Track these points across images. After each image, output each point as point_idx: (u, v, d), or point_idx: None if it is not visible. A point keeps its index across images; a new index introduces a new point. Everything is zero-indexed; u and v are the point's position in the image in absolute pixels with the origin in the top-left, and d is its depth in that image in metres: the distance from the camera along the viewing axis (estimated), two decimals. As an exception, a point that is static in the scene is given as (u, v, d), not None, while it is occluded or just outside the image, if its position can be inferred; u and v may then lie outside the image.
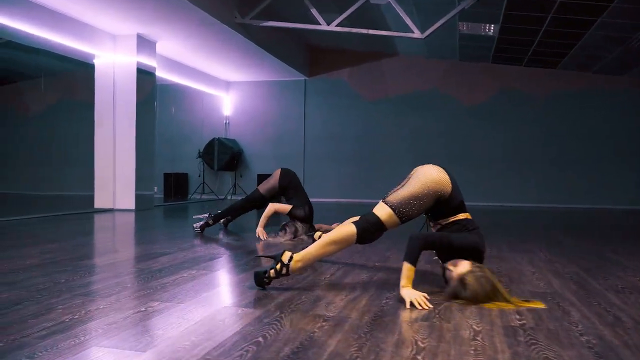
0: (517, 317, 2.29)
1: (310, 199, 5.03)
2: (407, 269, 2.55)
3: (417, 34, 7.08)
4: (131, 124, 8.01)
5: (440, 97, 10.79)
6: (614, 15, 6.77)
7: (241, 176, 11.72)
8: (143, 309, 2.32)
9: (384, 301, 2.53)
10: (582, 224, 7.14)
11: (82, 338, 1.90)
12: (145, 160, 8.28)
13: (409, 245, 2.59)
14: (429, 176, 2.74)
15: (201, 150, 11.50)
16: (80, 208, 7.75)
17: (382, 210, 2.71)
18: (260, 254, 3.13)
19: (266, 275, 2.68)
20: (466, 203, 2.90)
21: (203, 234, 4.96)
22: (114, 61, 8.05)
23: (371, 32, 7.36)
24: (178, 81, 10.16)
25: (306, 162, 11.45)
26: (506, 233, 5.73)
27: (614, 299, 2.65)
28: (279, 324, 2.13)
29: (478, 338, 1.99)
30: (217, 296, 2.67)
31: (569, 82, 10.25)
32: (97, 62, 8.04)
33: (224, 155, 11.35)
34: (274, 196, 5.05)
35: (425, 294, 2.48)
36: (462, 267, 2.56)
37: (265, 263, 3.34)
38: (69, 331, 1.97)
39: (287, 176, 4.98)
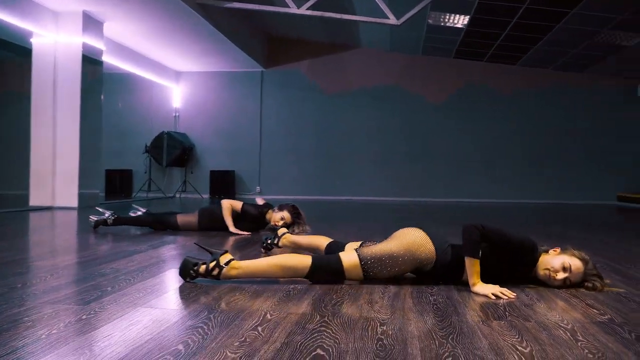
0: (596, 311, 1.93)
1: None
2: (472, 264, 2.18)
3: (392, 20, 6.75)
4: (75, 114, 7.20)
5: (402, 92, 10.57)
6: (588, 8, 6.71)
7: (192, 172, 11.01)
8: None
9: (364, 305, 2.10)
10: (564, 217, 7.04)
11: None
12: (90, 154, 7.47)
13: (467, 237, 2.20)
14: (411, 238, 2.34)
15: (148, 145, 10.69)
16: (13, 206, 6.85)
17: (347, 257, 2.33)
18: (201, 244, 2.70)
19: (195, 268, 2.27)
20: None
21: (97, 230, 4.34)
22: (55, 41, 7.22)
23: (345, 17, 6.96)
24: (123, 68, 9.36)
25: (262, 157, 10.91)
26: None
27: (675, 290, 2.36)
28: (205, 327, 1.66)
29: (579, 337, 1.61)
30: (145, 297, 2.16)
31: (530, 78, 10.30)
32: (36, 42, 7.18)
33: (174, 150, 10.60)
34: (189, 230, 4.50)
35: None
36: (571, 259, 2.27)
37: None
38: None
39: (208, 219, 4.42)
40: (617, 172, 10.14)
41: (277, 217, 4.29)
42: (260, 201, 4.63)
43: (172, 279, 2.43)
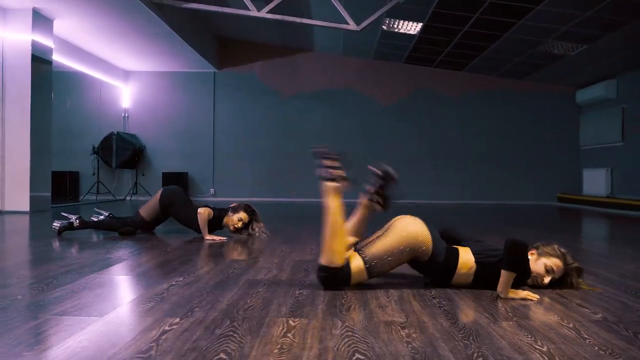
0: (588, 311, 2.11)
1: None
2: (511, 278, 2.26)
3: (352, 26, 6.88)
4: (24, 114, 6.89)
5: (355, 95, 10.75)
6: (534, 19, 7.11)
7: (143, 175, 10.73)
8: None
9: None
10: (511, 218, 7.39)
11: None
12: (41, 156, 7.17)
13: (514, 253, 2.24)
14: (412, 231, 2.42)
15: (96, 146, 10.33)
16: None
17: (354, 264, 2.39)
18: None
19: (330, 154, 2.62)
20: None
21: (62, 235, 4.24)
22: (2, 38, 6.87)
23: (305, 21, 7.03)
24: (70, 66, 9.00)
25: (216, 159, 10.79)
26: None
27: (632, 283, 2.60)
28: (237, 335, 1.73)
29: (585, 335, 1.76)
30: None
31: (476, 83, 10.73)
32: (-20, 38, 6.82)
33: (124, 151, 10.30)
34: (157, 219, 4.49)
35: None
36: (551, 260, 2.44)
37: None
38: None
39: (169, 196, 4.43)
40: (557, 174, 10.75)
41: (235, 219, 4.34)
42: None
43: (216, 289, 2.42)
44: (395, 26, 8.33)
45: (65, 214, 4.41)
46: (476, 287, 2.45)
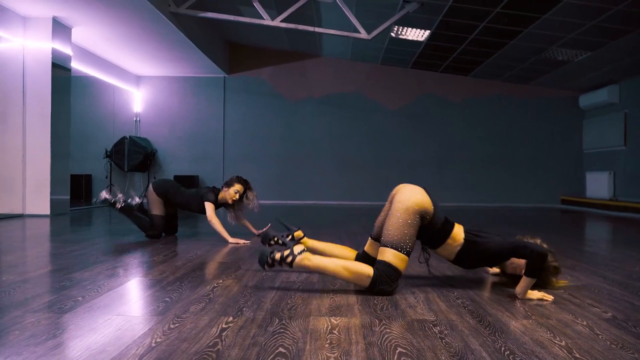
0: (599, 310, 2.32)
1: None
2: (530, 282, 2.48)
3: (363, 34, 7.09)
4: (45, 119, 7.12)
5: (362, 100, 10.96)
6: (540, 27, 7.32)
7: (155, 177, 10.95)
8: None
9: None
10: (518, 220, 7.59)
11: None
12: (61, 160, 7.40)
13: (538, 263, 2.45)
14: (413, 201, 2.58)
15: (109, 150, 10.56)
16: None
17: (392, 257, 2.52)
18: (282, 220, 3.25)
19: (271, 256, 2.58)
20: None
21: (98, 202, 4.55)
22: (23, 47, 7.10)
23: (318, 30, 7.23)
24: (84, 71, 9.21)
25: (226, 162, 11.01)
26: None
27: (639, 284, 2.81)
28: (288, 332, 1.94)
29: (597, 332, 1.97)
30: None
31: (480, 88, 10.94)
32: (2, 47, 7.02)
33: (136, 155, 10.52)
34: (167, 212, 4.73)
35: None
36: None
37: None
38: (174, 356, 1.62)
39: (161, 186, 4.69)
40: (561, 177, 10.96)
41: (232, 192, 4.62)
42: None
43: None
44: (404, 33, 8.54)
45: (119, 194, 4.61)
46: (456, 264, 2.70)
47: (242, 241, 4.42)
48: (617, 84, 9.58)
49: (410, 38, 8.73)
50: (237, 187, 4.63)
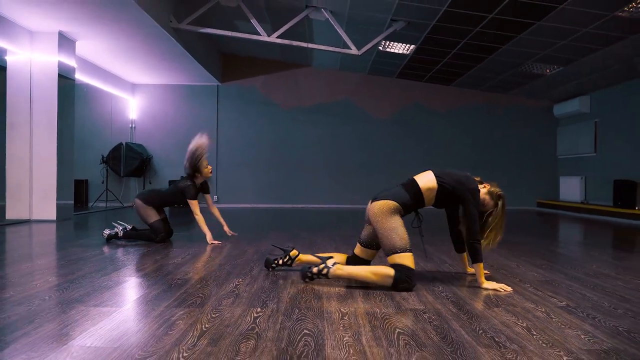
0: (557, 300, 2.85)
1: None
2: (480, 267, 3.06)
3: (354, 50, 7.60)
4: (51, 128, 7.49)
5: (351, 108, 11.48)
6: (517, 45, 7.91)
7: (150, 183, 11.34)
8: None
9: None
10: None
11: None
12: (66, 167, 7.77)
13: (473, 249, 3.04)
14: (383, 211, 3.12)
15: (105, 156, 10.91)
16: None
17: (399, 259, 2.99)
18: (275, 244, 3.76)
19: (310, 270, 3.12)
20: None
21: (109, 242, 5.05)
22: (30, 59, 7.46)
23: (311, 46, 7.72)
24: (81, 79, 9.55)
25: (219, 167, 11.43)
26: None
27: (602, 283, 3.34)
28: (324, 322, 2.44)
29: (552, 316, 2.49)
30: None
31: (462, 97, 11.53)
32: (10, 60, 7.38)
33: (132, 160, 10.90)
34: (163, 217, 5.22)
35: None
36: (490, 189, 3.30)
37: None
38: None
39: (148, 197, 5.19)
40: (537, 181, 11.60)
41: (209, 169, 5.30)
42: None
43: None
44: (391, 47, 9.07)
45: (115, 224, 5.11)
46: (437, 207, 3.30)
47: (216, 242, 5.00)
48: (587, 95, 10.24)
49: (397, 51, 9.27)
50: (205, 162, 5.34)
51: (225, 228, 5.49)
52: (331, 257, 3.24)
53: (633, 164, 8.88)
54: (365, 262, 3.42)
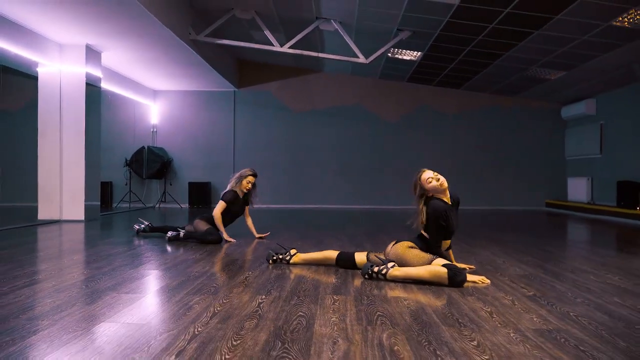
0: (525, 290, 3.23)
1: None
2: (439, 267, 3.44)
3: (362, 59, 8.00)
4: (79, 134, 8.02)
5: (362, 111, 11.89)
6: (518, 51, 8.23)
7: (171, 184, 11.88)
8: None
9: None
10: (499, 223, 8.49)
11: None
12: (93, 170, 8.31)
13: (455, 273, 3.33)
14: (400, 251, 3.64)
15: (128, 159, 11.48)
16: (23, 220, 7.58)
17: (437, 262, 3.44)
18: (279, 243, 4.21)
19: (372, 268, 3.50)
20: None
21: (138, 235, 5.87)
22: (60, 70, 8.01)
23: (322, 55, 8.15)
24: (107, 88, 10.11)
25: (236, 170, 11.79)
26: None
27: (573, 276, 3.70)
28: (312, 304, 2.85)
29: (516, 304, 2.88)
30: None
31: (471, 100, 11.85)
32: (41, 71, 7.95)
33: (154, 164, 11.45)
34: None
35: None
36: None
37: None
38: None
39: (207, 218, 5.63)
40: (546, 182, 11.87)
41: (246, 182, 5.67)
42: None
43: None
44: (399, 54, 9.45)
45: (140, 219, 5.76)
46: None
47: (233, 240, 5.46)
48: (594, 98, 10.49)
49: (405, 58, 9.64)
50: (250, 179, 5.74)
51: (256, 234, 5.86)
52: (385, 261, 3.61)
53: (636, 165, 9.12)
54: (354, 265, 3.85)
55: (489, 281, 3.45)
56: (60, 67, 8.01)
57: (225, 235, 5.50)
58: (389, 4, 6.98)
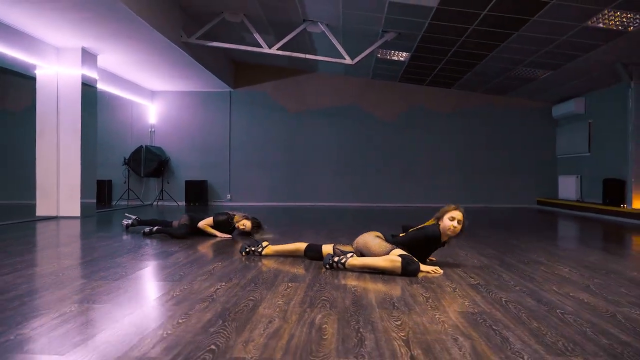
0: (472, 279, 3.44)
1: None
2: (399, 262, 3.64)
3: (347, 60, 8.22)
4: (76, 134, 8.30)
5: (356, 111, 12.11)
6: (502, 52, 8.41)
7: (168, 182, 12.17)
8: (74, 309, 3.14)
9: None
10: (482, 219, 8.67)
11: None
12: (89, 168, 8.59)
13: (408, 262, 3.54)
14: (367, 236, 3.89)
15: (127, 158, 11.77)
16: (21, 217, 7.86)
17: (398, 251, 3.64)
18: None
19: (332, 259, 3.71)
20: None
21: (128, 230, 6.07)
22: (57, 72, 8.29)
23: (309, 57, 8.39)
24: (105, 89, 10.40)
25: (232, 168, 12.19)
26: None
27: (525, 267, 3.91)
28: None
29: (457, 291, 3.09)
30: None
31: (463, 99, 12.03)
32: (39, 73, 8.24)
33: (151, 162, 11.73)
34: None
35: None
36: (455, 213, 3.83)
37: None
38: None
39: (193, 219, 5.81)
40: (537, 180, 12.03)
41: (240, 224, 5.66)
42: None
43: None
44: (387, 55, 9.65)
45: (127, 214, 5.99)
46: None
47: (227, 235, 5.65)
48: (582, 96, 10.63)
49: (394, 58, 9.85)
50: (247, 223, 5.65)
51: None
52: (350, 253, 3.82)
53: (622, 163, 9.26)
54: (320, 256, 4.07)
55: (441, 271, 3.66)
56: (57, 70, 8.29)
57: (217, 233, 5.67)
58: (372, 8, 7.19)
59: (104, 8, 6.48)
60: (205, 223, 5.69)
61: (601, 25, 6.69)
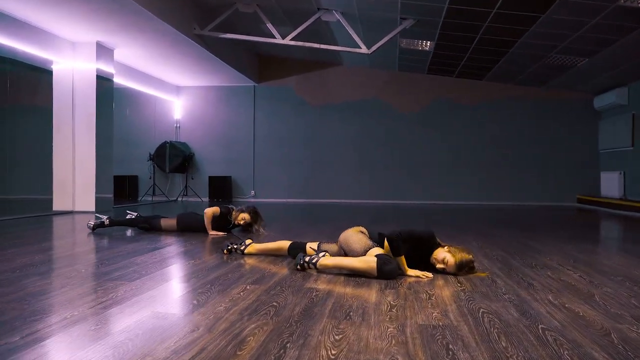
0: (459, 285, 3.04)
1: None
2: (401, 260, 3.26)
3: (364, 49, 7.83)
4: (91, 129, 8.28)
5: (382, 105, 11.67)
6: (531, 37, 7.81)
7: (192, 178, 12.10)
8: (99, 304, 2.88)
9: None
10: (506, 218, 8.13)
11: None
12: (104, 163, 8.56)
13: (393, 245, 3.21)
14: (349, 232, 3.59)
15: (152, 153, 11.78)
16: (37, 211, 7.88)
17: (373, 252, 3.31)
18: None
19: (303, 259, 3.40)
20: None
21: (95, 232, 5.42)
22: (73, 67, 8.28)
23: (323, 46, 8.04)
24: (128, 85, 10.40)
25: (256, 164, 12.00)
26: (445, 227, 6.55)
27: (528, 272, 3.46)
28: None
29: (432, 298, 2.71)
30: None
31: (496, 92, 11.40)
32: (56, 68, 8.25)
33: (175, 158, 11.69)
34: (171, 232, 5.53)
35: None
36: (450, 256, 3.27)
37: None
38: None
39: (183, 221, 5.51)
40: (578, 176, 11.26)
41: (239, 217, 5.39)
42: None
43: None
44: (411, 45, 9.19)
45: (98, 215, 5.70)
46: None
47: (220, 233, 5.36)
48: (625, 86, 9.83)
49: (418, 48, 9.37)
50: (245, 216, 5.40)
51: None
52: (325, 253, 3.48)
53: (668, 158, 8.49)
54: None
55: (431, 275, 3.27)
56: (73, 65, 8.29)
57: (210, 231, 5.43)
58: (386, -8, 6.79)
59: (110, 0, 6.38)
60: (212, 211, 5.44)
61: (638, 3, 6.05)
